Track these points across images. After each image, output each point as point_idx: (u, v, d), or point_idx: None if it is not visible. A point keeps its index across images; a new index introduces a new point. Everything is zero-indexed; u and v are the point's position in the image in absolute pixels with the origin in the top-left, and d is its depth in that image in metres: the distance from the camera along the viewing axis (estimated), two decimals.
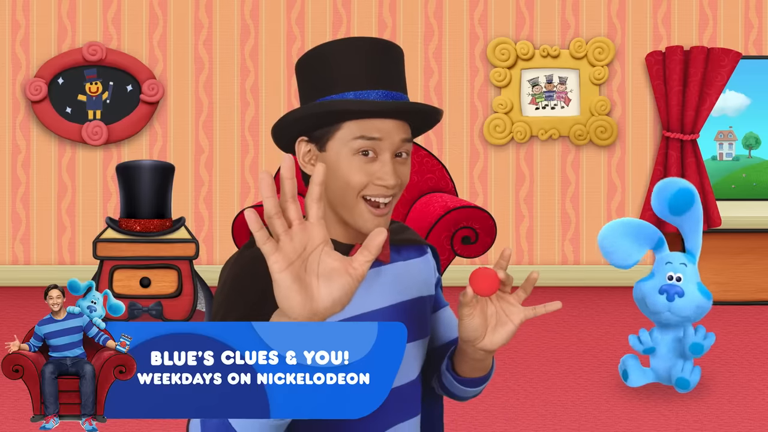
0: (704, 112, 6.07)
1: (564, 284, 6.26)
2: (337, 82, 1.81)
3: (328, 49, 1.83)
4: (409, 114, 1.83)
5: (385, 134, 1.81)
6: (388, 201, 1.83)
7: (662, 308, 4.35)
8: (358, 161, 1.81)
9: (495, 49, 6.19)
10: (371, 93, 1.82)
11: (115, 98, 6.20)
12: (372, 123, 1.81)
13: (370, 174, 1.81)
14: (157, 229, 5.41)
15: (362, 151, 1.81)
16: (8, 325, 5.37)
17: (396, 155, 1.84)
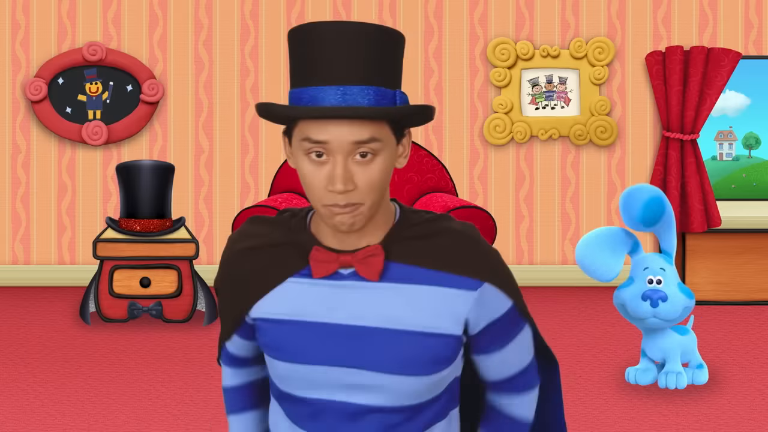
0: (704, 112, 6.07)
1: (564, 284, 6.27)
2: (295, 73, 1.72)
3: (297, 34, 1.72)
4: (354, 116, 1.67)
5: (332, 137, 1.67)
6: (348, 208, 1.70)
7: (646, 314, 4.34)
8: (310, 163, 1.70)
9: (495, 49, 6.20)
10: (321, 91, 1.68)
11: (115, 98, 6.20)
12: (318, 124, 1.68)
13: (322, 178, 1.69)
14: (157, 229, 5.41)
15: (314, 151, 1.69)
16: (8, 325, 5.37)
17: (360, 155, 1.69)
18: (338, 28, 1.69)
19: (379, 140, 1.70)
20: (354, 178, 1.70)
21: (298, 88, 1.71)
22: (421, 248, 1.79)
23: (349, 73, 1.68)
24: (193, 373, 4.60)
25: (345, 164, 1.69)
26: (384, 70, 1.71)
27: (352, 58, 1.68)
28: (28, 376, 4.54)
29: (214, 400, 4.25)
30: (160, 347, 4.97)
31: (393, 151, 1.74)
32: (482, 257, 1.80)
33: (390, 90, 1.72)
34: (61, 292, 6.05)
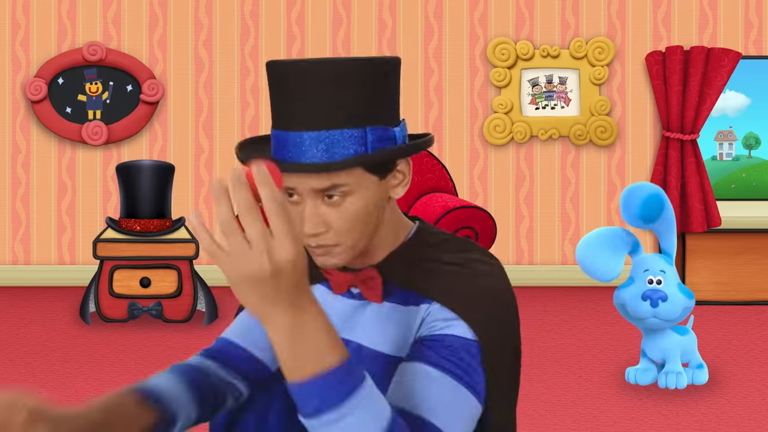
0: (704, 112, 6.07)
1: (564, 284, 6.27)
2: (272, 112, 1.67)
3: (268, 71, 1.66)
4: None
5: (297, 184, 1.62)
6: (321, 249, 1.65)
7: (646, 314, 4.34)
8: (289, 203, 1.65)
9: (495, 49, 6.20)
10: (283, 137, 1.62)
11: (115, 98, 6.20)
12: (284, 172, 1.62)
13: (299, 216, 1.64)
14: (157, 229, 5.41)
15: (287, 193, 1.65)
16: (8, 325, 5.37)
17: (327, 197, 1.62)
18: (299, 70, 1.60)
19: (344, 185, 1.61)
20: (325, 220, 1.63)
21: (273, 128, 1.66)
22: (417, 272, 1.71)
23: (305, 116, 1.60)
24: None
25: (313, 207, 1.63)
26: (348, 108, 1.61)
27: (308, 101, 1.60)
28: (28, 376, 4.54)
29: None
30: (160, 347, 4.98)
31: (374, 188, 1.65)
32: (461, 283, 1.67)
33: (358, 129, 1.61)
34: (61, 292, 6.05)
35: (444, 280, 1.68)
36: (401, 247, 1.75)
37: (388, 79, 1.65)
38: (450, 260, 1.72)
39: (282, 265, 1.35)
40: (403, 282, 1.71)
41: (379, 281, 1.71)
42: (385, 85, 1.65)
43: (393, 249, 1.74)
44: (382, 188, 1.67)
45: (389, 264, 1.74)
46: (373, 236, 1.70)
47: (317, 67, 1.59)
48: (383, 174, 1.66)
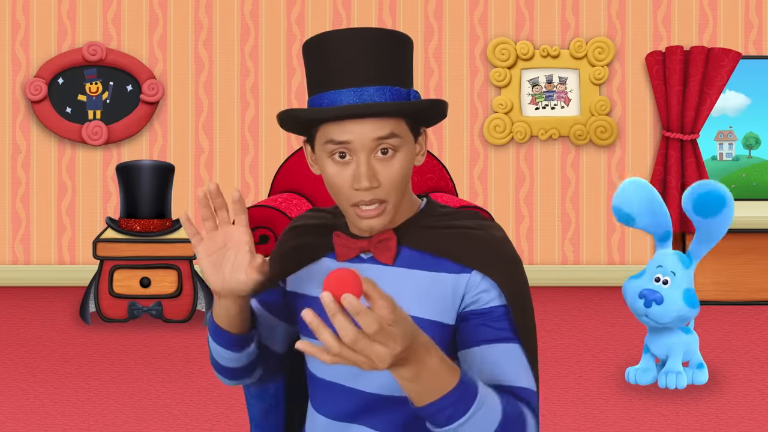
0: (704, 112, 6.07)
1: (564, 284, 6.27)
2: (313, 82, 1.79)
3: (312, 45, 1.78)
4: (375, 112, 1.74)
5: (354, 136, 1.75)
6: (375, 205, 1.77)
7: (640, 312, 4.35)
8: (335, 164, 1.77)
9: (495, 49, 6.20)
10: (338, 94, 1.75)
11: (115, 98, 6.20)
12: (340, 125, 1.75)
13: (347, 177, 1.76)
14: (157, 229, 5.41)
15: (337, 153, 1.76)
16: (8, 325, 5.37)
17: (381, 152, 1.76)
18: (349, 35, 1.75)
19: (398, 136, 1.76)
20: (378, 176, 1.76)
21: (315, 95, 1.77)
22: (433, 236, 1.84)
23: (363, 75, 1.75)
24: (193, 373, 4.60)
25: (368, 162, 1.76)
26: (396, 70, 1.78)
27: (365, 62, 1.75)
28: (28, 376, 4.54)
29: (214, 400, 4.25)
30: (160, 347, 4.97)
31: (412, 148, 1.80)
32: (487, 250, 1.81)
33: (404, 89, 1.78)
34: (61, 292, 6.05)
35: (471, 245, 1.82)
36: (416, 216, 1.87)
37: (411, 52, 1.85)
38: (466, 225, 1.85)
39: (401, 325, 1.51)
40: (425, 246, 1.83)
41: (394, 242, 1.82)
42: (411, 56, 1.84)
43: (409, 217, 1.86)
44: (413, 152, 1.82)
45: (406, 229, 1.85)
46: (402, 203, 1.84)
47: (372, 32, 1.76)
48: (416, 136, 1.83)
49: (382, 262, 1.84)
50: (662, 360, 4.47)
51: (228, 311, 1.80)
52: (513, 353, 1.78)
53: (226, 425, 3.99)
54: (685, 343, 4.42)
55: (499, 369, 1.77)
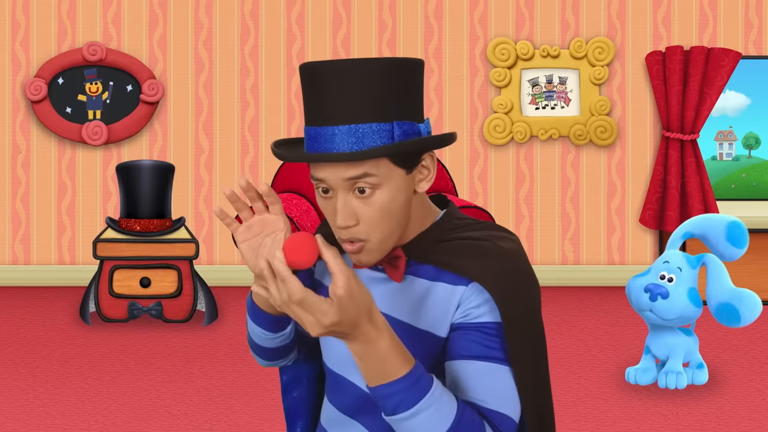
0: (704, 112, 6.07)
1: (564, 284, 6.27)
2: (305, 112, 1.76)
3: (301, 73, 1.76)
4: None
5: (327, 174, 1.73)
6: (355, 243, 1.75)
7: (645, 306, 4.35)
8: (321, 198, 1.76)
9: (495, 49, 6.20)
10: (315, 132, 1.72)
11: (115, 98, 6.20)
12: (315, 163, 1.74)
13: (330, 212, 1.75)
14: (157, 229, 5.41)
15: (320, 187, 1.75)
16: (8, 325, 5.37)
17: (358, 190, 1.72)
18: (329, 67, 1.70)
19: (374, 175, 1.71)
20: (356, 213, 1.74)
21: (305, 126, 1.77)
22: (438, 249, 1.81)
23: (337, 112, 1.70)
24: (193, 373, 4.60)
25: (345, 200, 1.73)
26: (376, 102, 1.71)
27: (340, 97, 1.70)
28: (28, 376, 4.54)
29: (213, 400, 4.25)
30: (160, 347, 4.97)
31: (401, 181, 1.74)
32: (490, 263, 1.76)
33: (386, 123, 1.71)
34: (61, 292, 6.05)
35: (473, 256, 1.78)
36: (428, 230, 1.84)
37: (413, 78, 1.75)
38: (473, 236, 1.82)
39: (341, 301, 1.60)
40: (428, 260, 1.81)
41: (403, 261, 1.82)
42: (410, 82, 1.75)
43: (420, 231, 1.85)
44: (408, 182, 1.76)
45: (415, 245, 1.83)
46: (401, 230, 1.80)
47: (347, 65, 1.70)
48: (410, 168, 1.76)
49: (393, 279, 1.83)
50: (662, 361, 4.47)
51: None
52: (496, 375, 1.73)
53: (226, 425, 3.99)
54: (685, 344, 4.42)
55: (475, 387, 1.73)
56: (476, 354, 1.73)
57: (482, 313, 1.75)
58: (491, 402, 1.72)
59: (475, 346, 1.73)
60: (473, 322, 1.75)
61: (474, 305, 1.75)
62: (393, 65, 1.72)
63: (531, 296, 1.77)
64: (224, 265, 6.26)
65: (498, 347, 1.73)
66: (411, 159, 1.75)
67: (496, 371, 1.72)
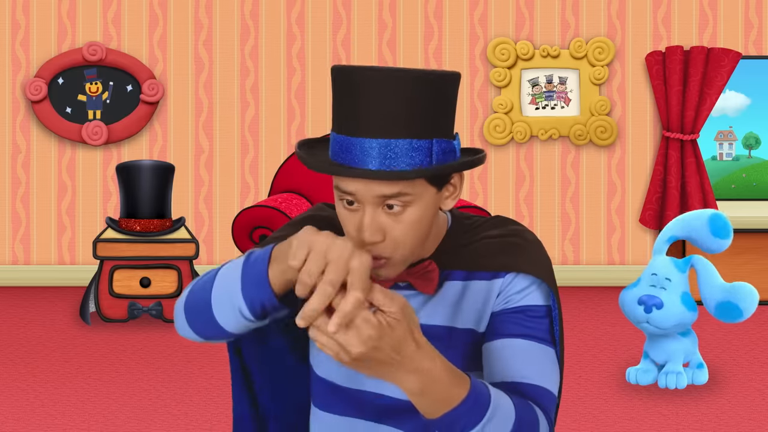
0: (704, 112, 6.07)
1: (564, 284, 6.27)
2: (335, 116, 1.68)
3: (335, 75, 1.67)
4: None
5: (358, 188, 1.64)
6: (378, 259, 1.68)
7: (641, 318, 4.34)
8: (344, 209, 1.67)
9: (495, 49, 6.20)
10: (348, 142, 1.63)
11: (115, 98, 6.20)
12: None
13: (354, 224, 1.66)
14: (157, 229, 5.41)
15: (345, 200, 1.66)
16: (8, 325, 5.37)
17: (387, 206, 1.65)
18: (374, 77, 1.61)
19: (408, 194, 1.65)
20: (384, 229, 1.66)
21: (334, 132, 1.67)
22: (468, 253, 1.78)
23: (380, 124, 1.61)
24: (193, 373, 4.60)
25: (373, 215, 1.66)
26: (417, 118, 1.62)
27: (384, 109, 1.61)
28: (28, 376, 4.54)
29: (213, 400, 4.25)
30: (160, 347, 4.97)
31: (431, 198, 1.68)
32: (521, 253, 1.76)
33: (425, 141, 1.63)
34: (61, 292, 6.05)
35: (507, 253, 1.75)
36: (448, 236, 1.80)
37: (451, 93, 1.68)
38: (499, 233, 1.78)
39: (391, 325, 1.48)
40: (458, 266, 1.77)
41: (437, 273, 1.75)
42: (449, 98, 1.67)
43: (439, 240, 1.79)
44: (437, 200, 1.70)
45: (443, 253, 1.79)
46: (418, 250, 1.73)
47: (386, 73, 1.60)
48: (441, 186, 1.69)
49: (424, 293, 1.76)
50: (662, 365, 4.47)
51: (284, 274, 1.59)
52: (541, 352, 1.72)
53: (227, 425, 3.99)
54: (684, 347, 4.42)
55: (519, 365, 1.71)
56: (519, 333, 1.72)
57: (524, 297, 1.74)
58: (535, 378, 1.70)
59: (518, 327, 1.72)
60: (515, 306, 1.73)
61: (515, 291, 1.74)
62: (433, 79, 1.64)
63: (551, 275, 1.78)
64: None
65: (541, 328, 1.73)
66: (444, 178, 1.70)
67: (540, 350, 1.71)
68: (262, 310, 1.62)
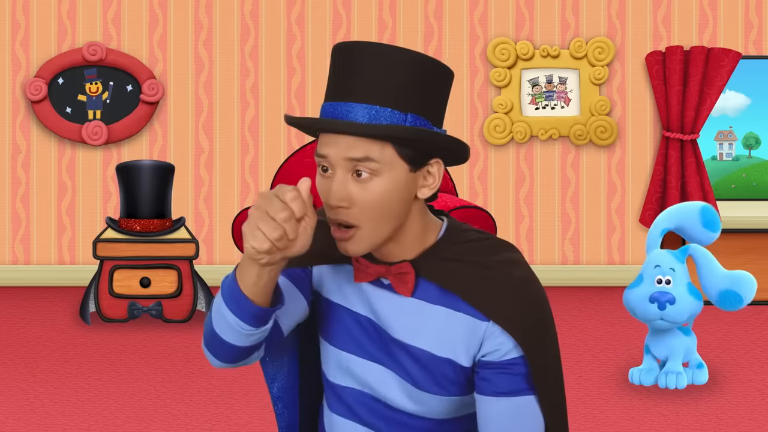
0: (704, 112, 6.07)
1: (564, 284, 6.27)
2: (327, 90, 1.77)
3: (334, 50, 1.76)
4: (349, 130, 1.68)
5: (330, 150, 1.71)
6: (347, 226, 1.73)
7: (654, 316, 4.34)
8: (319, 176, 1.74)
9: (495, 49, 6.20)
10: (331, 106, 1.72)
11: (115, 98, 6.20)
12: (323, 138, 1.72)
13: (325, 191, 1.72)
14: (157, 229, 5.41)
15: (321, 165, 1.73)
16: (8, 325, 5.37)
17: (355, 173, 1.70)
18: (361, 47, 1.71)
19: (374, 161, 1.69)
20: (350, 196, 1.71)
21: (324, 102, 1.75)
22: (452, 271, 1.79)
23: (358, 90, 1.70)
24: (193, 373, 4.60)
25: (343, 180, 1.71)
26: (397, 90, 1.70)
27: (363, 77, 1.70)
28: (28, 376, 4.54)
29: (213, 400, 4.25)
30: (160, 347, 4.98)
31: (403, 176, 1.72)
32: (507, 297, 1.77)
33: (399, 112, 1.70)
34: (61, 292, 6.05)
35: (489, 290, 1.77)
36: (435, 246, 1.81)
37: (439, 80, 1.75)
38: (488, 263, 1.79)
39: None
40: (442, 281, 1.78)
41: (412, 276, 1.78)
42: (435, 83, 1.74)
43: (426, 247, 1.81)
44: (410, 182, 1.73)
45: (424, 261, 1.80)
46: (400, 232, 1.77)
47: (378, 48, 1.70)
48: (414, 166, 1.73)
49: (399, 293, 1.80)
50: (663, 361, 4.47)
51: (260, 278, 1.68)
52: (526, 407, 1.79)
53: (226, 425, 3.99)
54: (684, 344, 4.42)
55: (507, 423, 1.79)
56: (508, 390, 1.78)
57: (508, 350, 1.78)
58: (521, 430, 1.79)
59: (507, 384, 1.78)
60: (502, 360, 1.78)
61: (499, 342, 1.78)
62: (422, 60, 1.72)
63: (547, 320, 1.80)
64: (224, 265, 6.26)
65: (524, 379, 1.78)
66: (417, 157, 1.73)
67: (525, 404, 1.78)
68: (258, 319, 1.71)
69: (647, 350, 4.47)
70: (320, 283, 1.91)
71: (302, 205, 1.62)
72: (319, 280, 1.91)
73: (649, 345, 4.44)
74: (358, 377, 1.86)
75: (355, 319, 1.85)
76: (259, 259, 1.63)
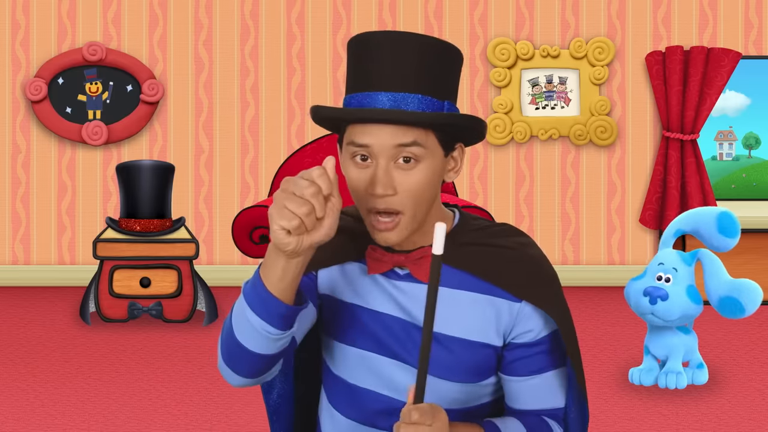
0: (704, 112, 6.07)
1: (564, 284, 6.26)
2: (351, 80, 1.75)
3: (356, 42, 1.74)
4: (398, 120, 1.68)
5: (375, 140, 1.70)
6: (390, 218, 1.72)
7: (645, 310, 4.34)
8: (355, 167, 1.72)
9: (495, 49, 6.20)
10: (368, 96, 1.71)
11: (115, 98, 6.20)
12: (363, 127, 1.71)
13: (364, 181, 1.71)
14: (157, 229, 5.41)
15: (359, 155, 1.72)
16: (8, 325, 5.38)
17: (402, 159, 1.71)
18: (394, 37, 1.71)
19: (422, 146, 1.70)
20: (394, 183, 1.71)
21: (351, 93, 1.73)
22: (473, 255, 1.80)
23: (397, 79, 1.70)
24: (193, 373, 4.60)
25: (387, 168, 1.71)
26: (434, 79, 1.71)
27: (403, 67, 1.70)
28: (28, 376, 4.54)
29: (213, 400, 4.26)
30: (160, 347, 4.98)
31: (439, 162, 1.74)
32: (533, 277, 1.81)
33: (438, 100, 1.72)
34: (61, 292, 6.05)
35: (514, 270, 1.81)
36: (452, 232, 1.82)
37: (459, 66, 1.78)
38: (506, 245, 1.82)
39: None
40: (465, 266, 1.80)
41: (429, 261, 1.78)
42: (458, 71, 1.77)
43: None
44: (442, 167, 1.76)
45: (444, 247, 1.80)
46: (426, 216, 1.78)
47: (412, 36, 1.70)
48: (447, 151, 1.76)
49: (420, 280, 1.79)
50: (663, 360, 4.47)
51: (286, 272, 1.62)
52: (555, 381, 1.85)
53: (226, 425, 3.99)
54: (684, 343, 4.42)
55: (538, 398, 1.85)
56: (538, 368, 1.84)
57: (540, 330, 1.82)
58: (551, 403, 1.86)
59: (538, 362, 1.84)
60: (535, 339, 1.82)
61: (533, 323, 1.81)
62: (453, 50, 1.74)
63: (562, 294, 1.85)
64: (224, 265, 6.26)
65: (556, 355, 1.85)
66: (450, 142, 1.76)
67: (554, 377, 1.85)
68: (286, 320, 1.66)
69: (647, 350, 4.47)
70: (329, 286, 1.89)
71: (329, 182, 1.57)
72: (328, 283, 1.89)
73: (648, 345, 4.44)
74: (381, 375, 1.85)
75: (373, 317, 1.84)
76: (287, 245, 1.57)
